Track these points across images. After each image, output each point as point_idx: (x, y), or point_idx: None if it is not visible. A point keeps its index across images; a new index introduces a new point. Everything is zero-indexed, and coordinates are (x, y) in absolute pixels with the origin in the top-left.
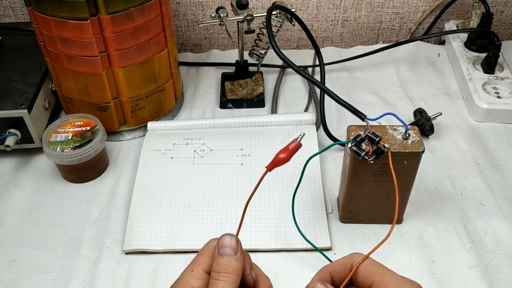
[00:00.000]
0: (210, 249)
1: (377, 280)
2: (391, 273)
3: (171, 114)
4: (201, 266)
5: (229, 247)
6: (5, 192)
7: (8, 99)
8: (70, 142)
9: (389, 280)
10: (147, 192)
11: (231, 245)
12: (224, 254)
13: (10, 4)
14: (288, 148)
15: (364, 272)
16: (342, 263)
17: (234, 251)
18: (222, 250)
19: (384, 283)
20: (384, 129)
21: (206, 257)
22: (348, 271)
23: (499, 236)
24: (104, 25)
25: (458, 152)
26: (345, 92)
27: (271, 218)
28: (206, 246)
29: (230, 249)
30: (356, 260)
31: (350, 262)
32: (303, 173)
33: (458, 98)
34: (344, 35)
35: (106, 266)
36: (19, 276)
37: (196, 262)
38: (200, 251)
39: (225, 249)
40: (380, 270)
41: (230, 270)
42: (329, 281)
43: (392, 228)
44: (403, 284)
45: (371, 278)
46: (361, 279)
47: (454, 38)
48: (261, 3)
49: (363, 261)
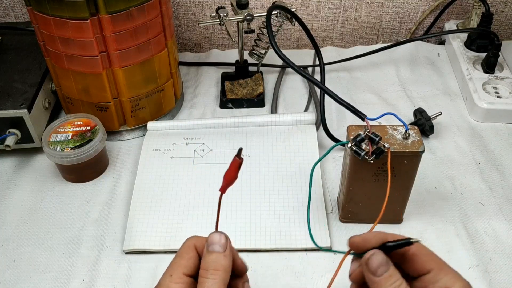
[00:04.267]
0: (188, 251)
1: (437, 268)
2: (450, 266)
3: (171, 114)
4: (180, 269)
5: (217, 243)
6: (5, 192)
7: (8, 99)
8: (70, 142)
9: (448, 272)
10: (147, 192)
11: (220, 241)
12: (213, 251)
13: (10, 4)
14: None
15: (426, 257)
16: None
17: (223, 248)
18: (211, 247)
19: (443, 273)
20: (384, 129)
21: (184, 259)
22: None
23: (499, 236)
24: (104, 25)
25: (458, 152)
26: (345, 92)
27: (271, 218)
28: (183, 247)
29: (219, 246)
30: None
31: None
32: (311, 180)
33: (458, 98)
34: (344, 35)
35: (106, 266)
36: (19, 276)
37: (175, 265)
38: (177, 253)
39: (214, 246)
40: (441, 261)
41: (218, 266)
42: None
43: (374, 226)
44: (459, 280)
45: (432, 265)
46: (420, 263)
47: (454, 38)
48: (261, 3)
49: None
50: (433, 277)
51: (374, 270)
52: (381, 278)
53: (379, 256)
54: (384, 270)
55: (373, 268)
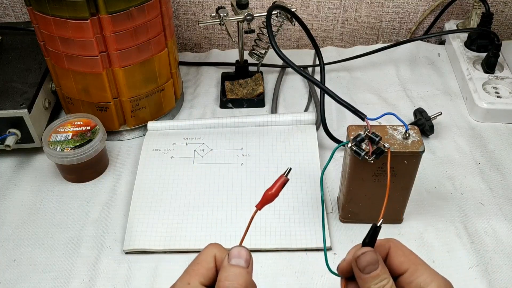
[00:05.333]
0: (208, 260)
1: (413, 268)
2: (426, 265)
3: (171, 114)
4: (197, 278)
5: (242, 258)
6: (5, 192)
7: (8, 99)
8: (70, 141)
9: (424, 271)
10: (147, 192)
11: (245, 257)
12: (237, 265)
13: (10, 4)
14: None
15: (402, 257)
16: (380, 243)
17: (247, 263)
18: (235, 261)
19: (419, 272)
20: (384, 129)
21: (203, 268)
22: (385, 252)
23: (499, 236)
24: (104, 25)
25: (458, 152)
26: (345, 92)
27: (271, 218)
28: (203, 255)
29: (243, 261)
30: (395, 244)
31: (389, 244)
32: (322, 188)
33: (458, 98)
34: (344, 34)
35: (106, 266)
36: (19, 276)
37: (193, 273)
38: (196, 260)
39: (238, 260)
40: (418, 260)
41: (242, 282)
42: None
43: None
44: (435, 278)
45: (408, 264)
46: (397, 264)
47: (454, 38)
48: (261, 3)
49: None
50: (408, 278)
51: (362, 268)
52: (367, 276)
53: (368, 255)
54: (372, 269)
55: (361, 266)
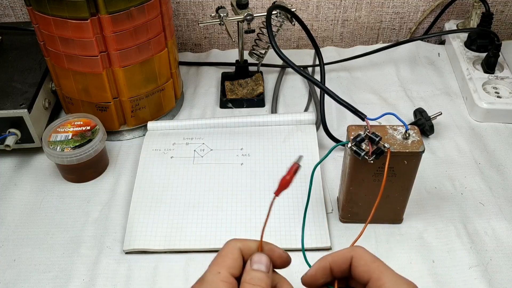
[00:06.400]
0: (233, 251)
1: (375, 277)
2: (390, 272)
3: (171, 114)
4: (226, 269)
5: (263, 264)
6: (5, 192)
7: (8, 99)
8: (70, 141)
9: (386, 279)
10: (147, 192)
11: (266, 263)
12: (259, 270)
13: (10, 4)
14: (291, 171)
15: (364, 267)
16: (343, 254)
17: (267, 269)
18: (257, 266)
19: (382, 281)
20: (384, 129)
21: (230, 259)
22: (348, 263)
23: (499, 236)
24: (104, 25)
25: (458, 152)
26: (345, 92)
27: (271, 218)
28: (228, 247)
29: (264, 266)
30: (357, 253)
31: (351, 254)
32: (311, 183)
33: (458, 98)
34: (344, 34)
35: (106, 266)
36: (19, 276)
37: (222, 264)
38: (222, 252)
39: (260, 265)
40: (380, 268)
41: (264, 285)
42: (327, 271)
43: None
44: (400, 284)
45: (370, 274)
46: (359, 273)
47: (454, 38)
48: (261, 3)
49: None
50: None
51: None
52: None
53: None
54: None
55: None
